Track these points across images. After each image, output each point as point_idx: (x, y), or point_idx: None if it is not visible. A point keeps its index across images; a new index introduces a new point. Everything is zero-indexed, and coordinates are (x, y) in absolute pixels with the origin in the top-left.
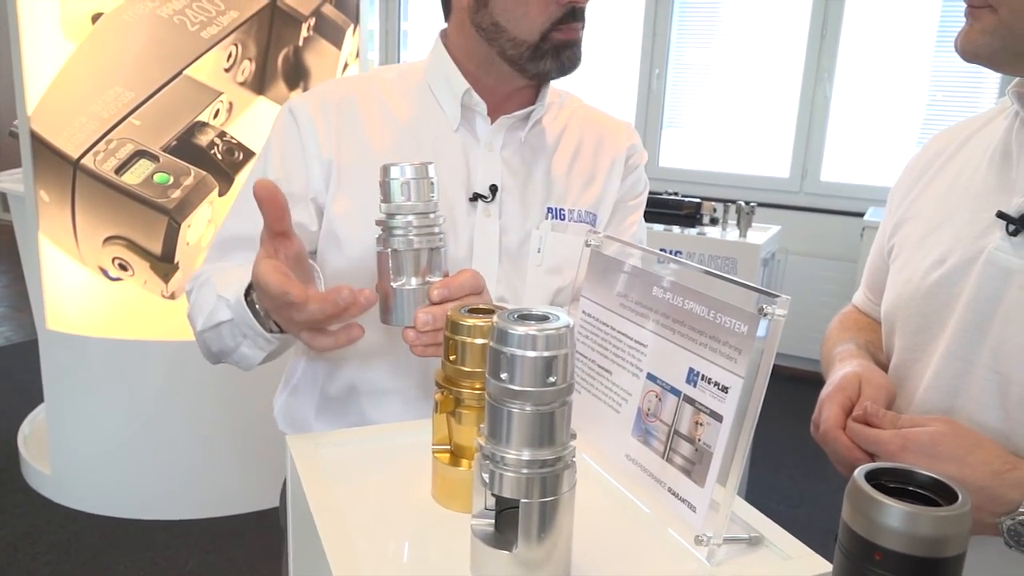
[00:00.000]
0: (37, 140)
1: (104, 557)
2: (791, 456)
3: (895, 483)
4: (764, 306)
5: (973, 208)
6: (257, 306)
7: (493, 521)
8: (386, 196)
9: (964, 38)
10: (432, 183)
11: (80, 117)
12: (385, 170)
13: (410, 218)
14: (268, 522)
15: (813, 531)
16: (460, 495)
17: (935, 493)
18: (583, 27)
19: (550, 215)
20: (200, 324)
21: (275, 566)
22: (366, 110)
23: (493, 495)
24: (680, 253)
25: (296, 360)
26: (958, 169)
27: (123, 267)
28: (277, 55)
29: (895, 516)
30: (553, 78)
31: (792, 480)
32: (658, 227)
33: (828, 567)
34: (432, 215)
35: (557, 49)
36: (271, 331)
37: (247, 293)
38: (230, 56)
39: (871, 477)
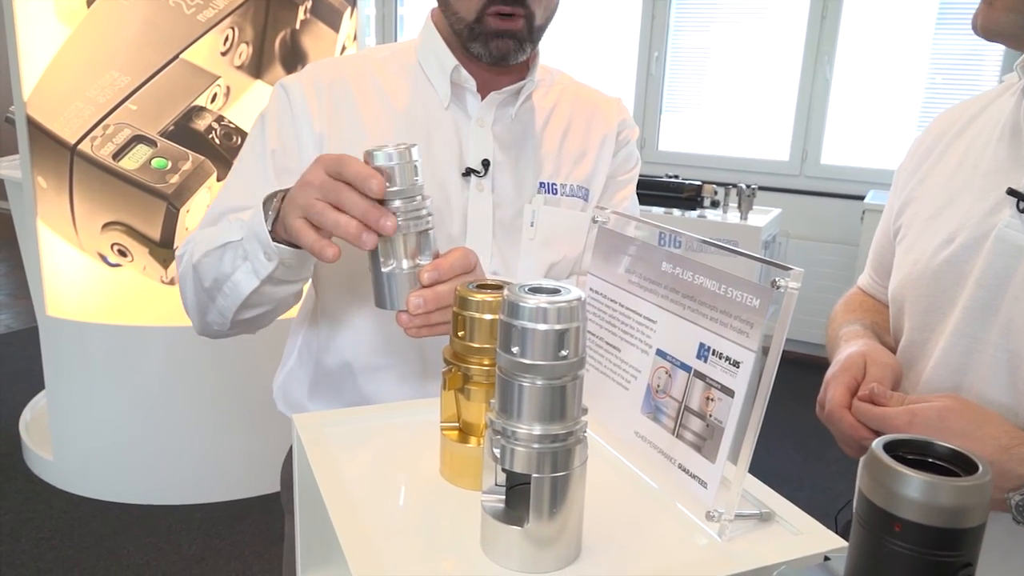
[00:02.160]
0: (33, 125)
1: (107, 542)
2: (791, 439)
3: (914, 455)
4: (777, 279)
5: (982, 186)
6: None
7: (504, 497)
8: None
9: (985, 16)
10: (416, 166)
11: (76, 102)
12: (369, 156)
13: (396, 203)
14: (270, 506)
15: (814, 513)
16: (469, 472)
17: (954, 464)
18: (523, 18)
19: (542, 190)
20: (201, 251)
21: (277, 549)
22: (359, 89)
23: (504, 470)
24: None
25: (293, 338)
26: (965, 147)
27: (122, 253)
28: (274, 38)
29: (915, 486)
30: (487, 63)
31: (792, 463)
32: (658, 210)
33: (839, 542)
34: (418, 198)
35: (487, 36)
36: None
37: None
38: (227, 39)
39: (889, 448)
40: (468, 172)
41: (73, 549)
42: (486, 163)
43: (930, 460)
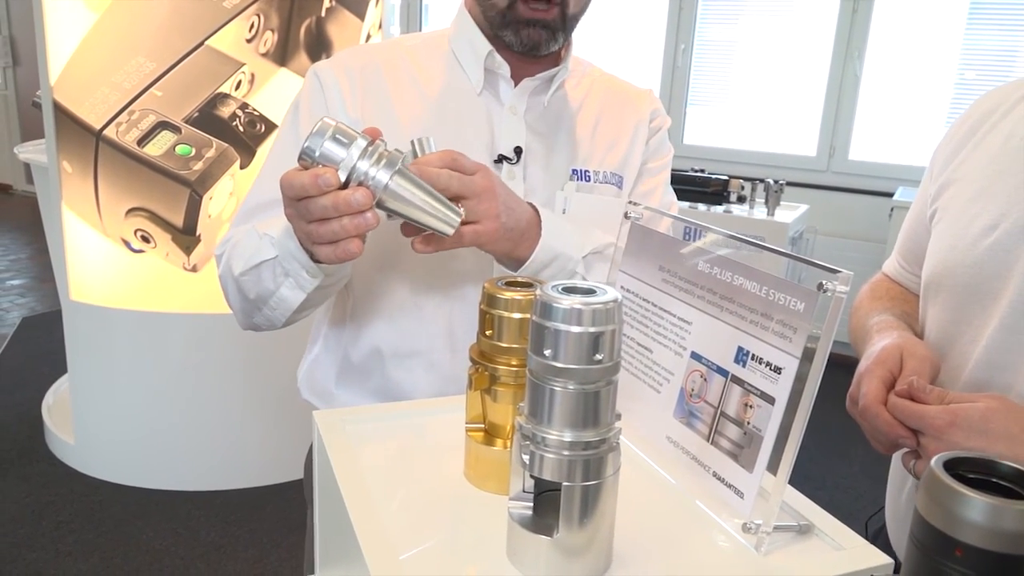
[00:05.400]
0: (60, 110)
1: (127, 527)
2: (812, 436)
3: (976, 474)
4: (824, 282)
5: None
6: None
7: (531, 504)
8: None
9: None
10: (342, 127)
11: (102, 87)
12: (302, 157)
13: (360, 170)
14: (289, 494)
15: (836, 513)
16: (494, 475)
17: (1019, 485)
18: (557, 6)
19: (575, 177)
20: (239, 268)
21: (295, 538)
22: (391, 76)
23: (532, 477)
24: None
25: (319, 325)
26: (1011, 128)
27: (145, 239)
28: (299, 26)
29: (978, 509)
30: (517, 52)
31: (813, 462)
32: (682, 204)
33: (882, 558)
34: (368, 148)
35: (519, 24)
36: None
37: None
38: (252, 26)
39: (949, 467)
40: (500, 159)
41: (93, 533)
42: (518, 150)
43: (994, 480)
